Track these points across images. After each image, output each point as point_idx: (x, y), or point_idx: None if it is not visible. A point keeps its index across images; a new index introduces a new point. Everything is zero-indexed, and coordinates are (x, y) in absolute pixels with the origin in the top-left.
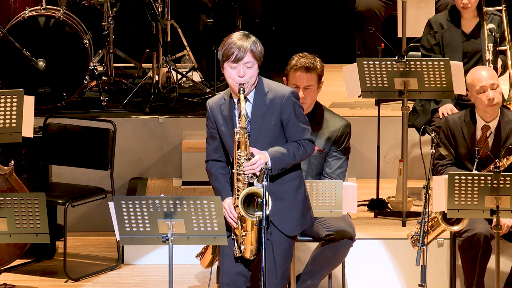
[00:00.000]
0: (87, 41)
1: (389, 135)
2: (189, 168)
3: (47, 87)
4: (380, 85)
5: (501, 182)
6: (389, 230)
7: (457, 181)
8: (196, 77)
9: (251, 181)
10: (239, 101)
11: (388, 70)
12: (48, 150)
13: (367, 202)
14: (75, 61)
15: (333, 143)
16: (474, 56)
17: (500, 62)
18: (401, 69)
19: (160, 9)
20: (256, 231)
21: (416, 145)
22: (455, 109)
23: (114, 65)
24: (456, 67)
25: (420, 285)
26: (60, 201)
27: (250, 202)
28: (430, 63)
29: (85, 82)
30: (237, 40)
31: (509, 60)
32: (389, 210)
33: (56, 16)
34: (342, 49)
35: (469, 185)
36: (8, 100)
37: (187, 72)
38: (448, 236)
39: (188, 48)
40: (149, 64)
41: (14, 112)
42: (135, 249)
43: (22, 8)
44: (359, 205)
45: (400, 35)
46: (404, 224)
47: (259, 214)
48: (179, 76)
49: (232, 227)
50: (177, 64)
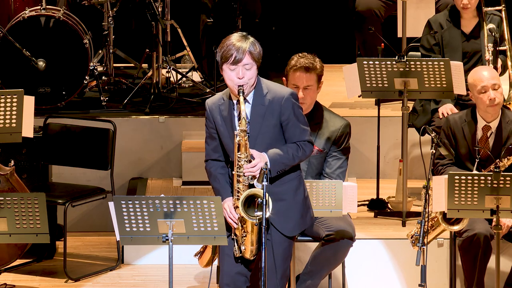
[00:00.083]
0: (87, 41)
1: (389, 135)
2: (189, 168)
3: (47, 87)
4: (380, 85)
5: (501, 182)
6: (389, 230)
7: (457, 181)
8: (196, 77)
9: (251, 183)
10: (238, 102)
11: (388, 70)
12: (48, 150)
13: (367, 202)
14: (75, 61)
15: (333, 143)
16: (474, 56)
17: (500, 62)
18: (401, 69)
19: (160, 9)
20: (256, 232)
21: (416, 145)
22: (455, 109)
23: (114, 65)
24: (456, 67)
25: (420, 285)
26: (60, 201)
27: (251, 203)
28: (430, 63)
29: (85, 82)
30: (235, 41)
31: (509, 60)
32: (389, 210)
33: (56, 16)
34: (342, 49)
35: (469, 185)
36: (8, 100)
37: (187, 72)
38: (448, 236)
39: (188, 48)
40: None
41: (14, 112)
42: (135, 249)
43: (22, 8)
44: (359, 205)
45: (400, 35)
46: (404, 224)
47: (259, 214)
48: (179, 76)
49: (232, 227)
50: (177, 64)
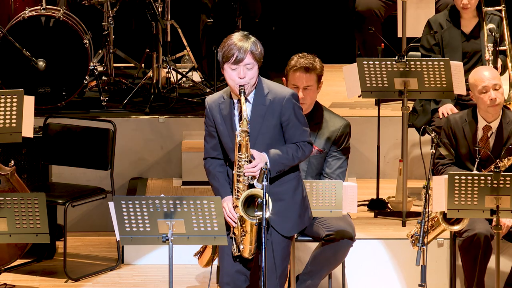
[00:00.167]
0: (87, 41)
1: (389, 135)
2: (189, 168)
3: (47, 87)
4: (380, 85)
5: (501, 182)
6: (389, 230)
7: (457, 181)
8: (196, 77)
9: (251, 183)
10: (238, 102)
11: (388, 70)
12: (48, 150)
13: (367, 202)
14: (75, 61)
15: (333, 143)
16: (474, 56)
17: (500, 62)
18: (401, 69)
19: (160, 9)
20: (255, 232)
21: (416, 145)
22: (455, 109)
23: (114, 65)
24: (456, 67)
25: (420, 285)
26: (60, 201)
27: (250, 203)
28: (430, 63)
29: (85, 82)
30: (237, 41)
31: (509, 60)
32: (389, 210)
33: (56, 16)
34: (342, 49)
35: (469, 185)
36: (8, 100)
37: (187, 72)
38: (448, 236)
39: (188, 48)
40: (149, 64)
41: (14, 112)
42: (135, 249)
43: (22, 8)
44: (359, 205)
45: (400, 35)
46: (404, 224)
47: (259, 214)
48: (179, 76)
49: (231, 226)
50: (177, 64)
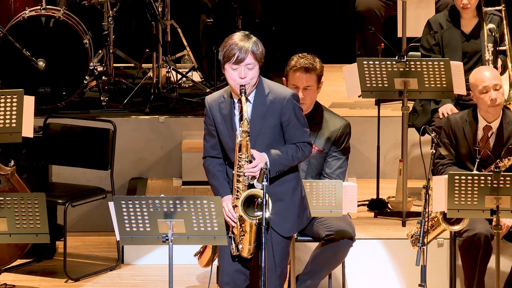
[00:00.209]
0: (87, 41)
1: (389, 135)
2: (189, 168)
3: (47, 87)
4: (380, 85)
5: (501, 182)
6: (389, 230)
7: (457, 181)
8: (196, 77)
9: (251, 183)
10: (239, 101)
11: (388, 70)
12: (48, 150)
13: (367, 202)
14: (75, 61)
15: (332, 143)
16: (474, 56)
17: (500, 62)
18: (401, 69)
19: (160, 9)
20: (254, 232)
21: (416, 145)
22: (455, 109)
23: (114, 65)
24: (456, 67)
25: (420, 285)
26: (60, 201)
27: (250, 203)
28: (430, 63)
29: (85, 82)
30: (238, 41)
31: (509, 60)
32: (389, 210)
33: (56, 16)
34: (342, 49)
35: (469, 185)
36: (8, 100)
37: (187, 72)
38: (448, 236)
39: (188, 48)
40: (149, 64)
41: (14, 112)
42: (135, 249)
43: (22, 8)
44: (359, 205)
45: (400, 35)
46: (404, 224)
47: (259, 214)
48: (179, 76)
49: (230, 226)
50: (177, 64)
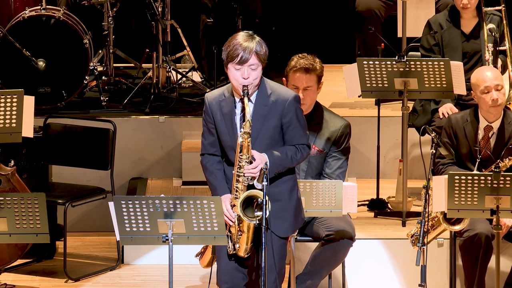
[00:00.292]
0: (87, 41)
1: (389, 135)
2: (189, 168)
3: (47, 87)
4: (380, 85)
5: (501, 182)
6: (389, 230)
7: (457, 181)
8: (196, 77)
9: (250, 183)
10: (240, 101)
11: (388, 70)
12: (48, 150)
13: (367, 202)
14: (75, 61)
15: (333, 143)
16: (474, 56)
17: (500, 62)
18: (401, 69)
19: (160, 9)
20: (252, 231)
21: (416, 145)
22: (455, 108)
23: (114, 65)
24: (456, 67)
25: (420, 285)
26: (60, 201)
27: (248, 204)
28: (430, 63)
29: (85, 82)
30: (242, 41)
31: (509, 60)
32: (389, 210)
33: (56, 16)
34: (342, 49)
35: (469, 185)
36: (8, 100)
37: (187, 72)
38: (448, 236)
39: (188, 48)
40: (149, 64)
41: (14, 112)
42: (135, 249)
43: (22, 8)
44: (359, 205)
45: (400, 35)
46: (404, 224)
47: (258, 214)
48: (179, 76)
49: (228, 225)
50: (177, 64)
